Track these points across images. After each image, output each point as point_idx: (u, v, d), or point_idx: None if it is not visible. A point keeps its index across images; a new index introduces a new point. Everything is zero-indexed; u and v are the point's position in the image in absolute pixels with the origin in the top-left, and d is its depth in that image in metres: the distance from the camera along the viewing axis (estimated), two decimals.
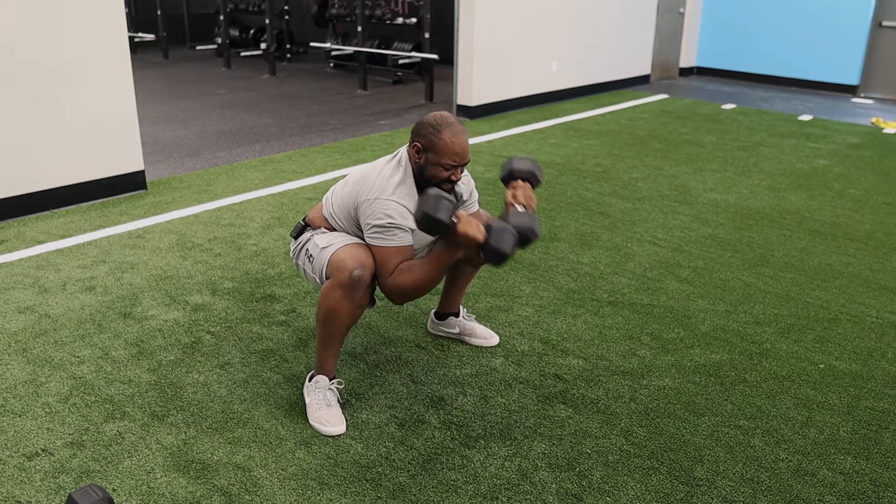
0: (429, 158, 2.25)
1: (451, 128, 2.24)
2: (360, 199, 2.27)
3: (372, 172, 2.31)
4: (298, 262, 2.45)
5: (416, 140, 2.27)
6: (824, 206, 4.55)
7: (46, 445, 2.19)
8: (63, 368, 2.59)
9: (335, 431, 2.27)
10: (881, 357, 2.80)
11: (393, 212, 2.20)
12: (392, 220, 2.19)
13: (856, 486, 2.11)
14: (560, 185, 4.83)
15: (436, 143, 2.22)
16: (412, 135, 2.29)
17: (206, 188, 4.64)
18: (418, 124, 2.29)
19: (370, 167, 2.35)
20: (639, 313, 3.10)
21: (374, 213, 2.21)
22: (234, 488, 2.03)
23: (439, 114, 2.28)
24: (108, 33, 4.18)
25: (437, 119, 2.25)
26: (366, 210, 2.24)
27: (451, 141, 2.22)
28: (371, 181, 2.27)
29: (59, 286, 3.22)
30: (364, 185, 2.28)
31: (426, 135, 2.24)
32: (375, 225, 2.21)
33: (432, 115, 2.28)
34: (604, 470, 2.15)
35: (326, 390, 2.34)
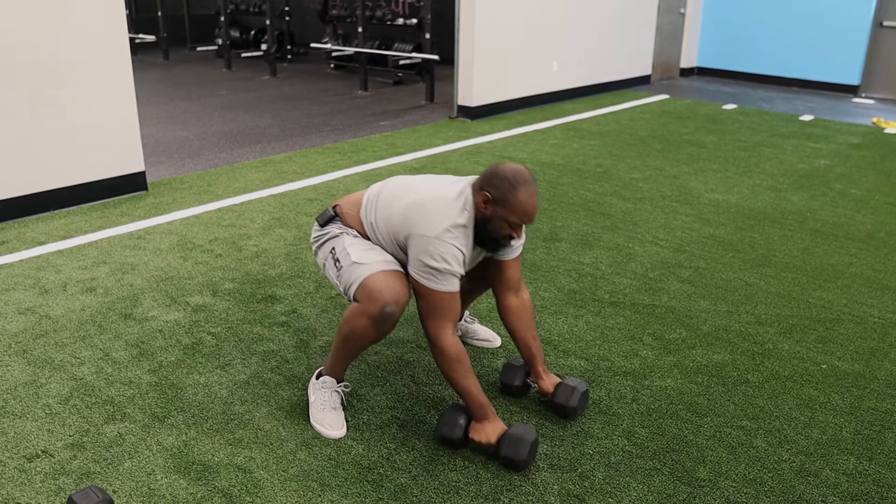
0: (497, 212, 2.10)
1: (528, 187, 2.09)
2: (414, 231, 2.10)
3: (432, 203, 2.12)
4: (320, 256, 2.33)
5: (486, 189, 2.10)
6: (826, 207, 4.54)
7: (47, 447, 2.19)
8: (63, 370, 2.59)
9: (335, 435, 2.26)
10: (884, 357, 2.79)
11: (451, 257, 2.06)
12: (448, 265, 2.06)
13: (859, 486, 2.10)
14: (561, 186, 4.82)
15: (510, 199, 2.07)
16: (482, 181, 2.12)
17: (207, 189, 4.63)
18: (492, 174, 2.11)
19: (430, 193, 2.16)
20: (640, 314, 3.09)
21: (431, 253, 2.05)
22: (234, 490, 2.03)
23: (516, 168, 2.11)
24: (109, 34, 4.18)
25: (514, 174, 2.09)
26: (421, 245, 2.08)
27: (526, 201, 2.08)
28: (431, 214, 2.09)
29: (59, 287, 3.21)
30: (422, 215, 2.10)
31: (500, 188, 2.08)
32: (430, 266, 2.06)
33: (509, 168, 2.11)
34: (606, 471, 2.14)
35: (333, 392, 2.32)
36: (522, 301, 2.40)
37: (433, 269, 2.06)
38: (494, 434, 2.12)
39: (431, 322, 2.12)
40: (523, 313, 2.39)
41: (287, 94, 8.25)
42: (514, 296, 2.39)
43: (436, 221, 2.08)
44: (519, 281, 2.40)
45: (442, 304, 2.10)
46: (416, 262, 2.10)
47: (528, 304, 2.41)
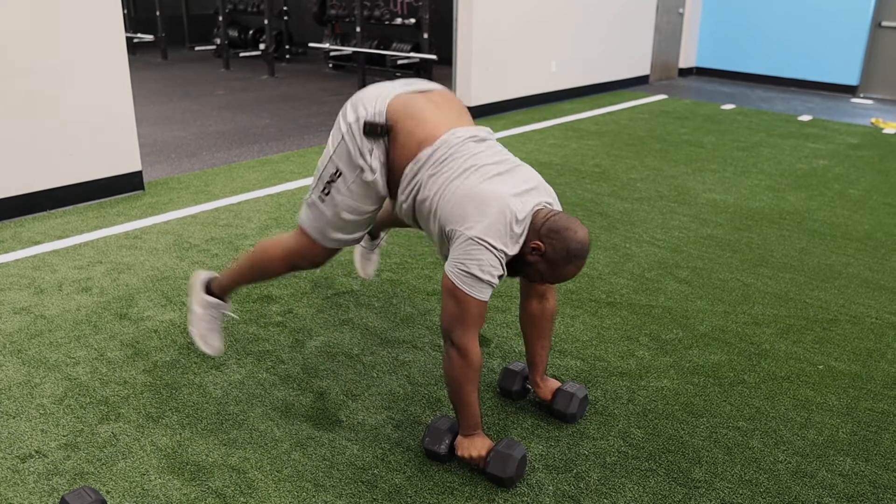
0: (539, 264, 2.01)
1: (580, 262, 2.00)
2: (465, 231, 1.96)
3: (497, 213, 1.96)
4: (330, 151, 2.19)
5: (544, 241, 1.97)
6: (824, 207, 4.53)
7: (40, 447, 2.18)
8: (58, 369, 2.58)
9: (215, 353, 2.59)
10: (880, 358, 2.79)
11: (495, 271, 1.96)
12: (491, 278, 1.96)
13: (855, 487, 2.09)
14: (559, 186, 4.81)
15: (558, 266, 1.99)
16: (546, 229, 1.98)
17: (204, 189, 4.62)
18: (557, 231, 1.97)
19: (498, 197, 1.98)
20: (637, 314, 3.08)
21: (481, 263, 1.94)
22: (228, 490, 2.02)
23: (582, 241, 1.98)
24: (106, 33, 4.17)
25: (576, 249, 1.97)
26: (469, 250, 1.95)
27: (570, 274, 2.02)
28: (492, 224, 1.95)
29: (55, 287, 3.21)
30: (481, 219, 1.95)
31: (557, 250, 1.97)
32: (473, 274, 1.94)
33: (576, 239, 1.96)
34: (601, 471, 2.13)
35: (222, 314, 2.56)
36: (545, 309, 2.33)
37: (476, 277, 1.95)
38: (484, 448, 2.07)
39: (461, 327, 2.01)
40: (542, 322, 2.34)
41: (285, 94, 8.24)
42: (538, 302, 2.32)
43: (493, 234, 1.95)
44: (547, 288, 2.31)
45: (475, 312, 2.00)
46: (458, 263, 1.96)
47: (549, 312, 2.34)
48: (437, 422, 2.16)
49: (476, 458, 2.07)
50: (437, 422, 2.16)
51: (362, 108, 2.13)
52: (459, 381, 2.04)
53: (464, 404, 2.08)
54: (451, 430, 2.13)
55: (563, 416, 2.32)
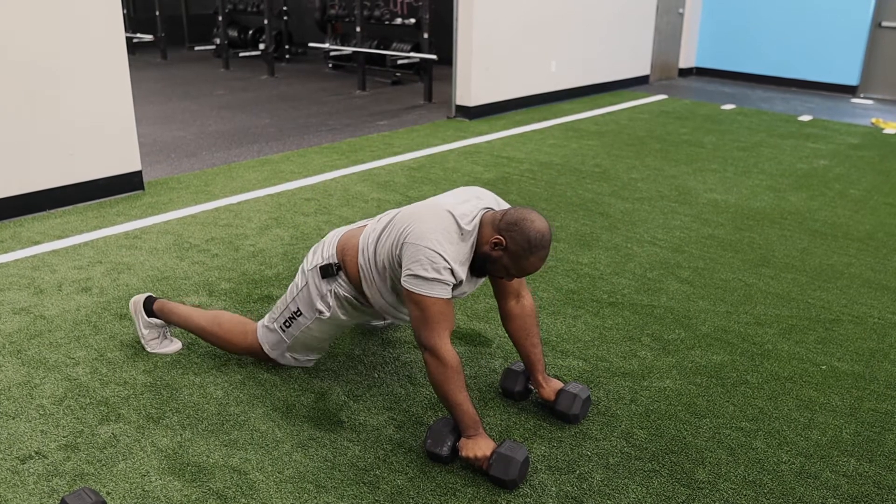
0: (501, 259, 2.05)
1: (542, 252, 2.03)
2: (407, 240, 2.05)
3: (431, 214, 2.06)
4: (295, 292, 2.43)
5: (503, 234, 2.03)
6: (825, 207, 4.53)
7: (40, 448, 2.17)
8: (58, 370, 2.57)
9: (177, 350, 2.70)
10: (883, 358, 2.78)
11: (442, 267, 2.00)
12: (439, 275, 2.00)
13: (859, 488, 2.08)
14: (559, 186, 4.81)
15: (520, 258, 2.03)
16: (504, 223, 2.03)
17: (204, 189, 4.61)
18: (516, 224, 2.02)
19: (430, 204, 2.12)
20: (639, 314, 3.07)
21: (421, 262, 2.00)
22: (229, 491, 2.01)
23: (541, 229, 2.02)
24: (106, 33, 4.16)
25: (537, 239, 2.01)
26: (412, 254, 2.02)
27: (534, 265, 2.05)
28: (428, 222, 2.04)
29: (54, 287, 3.19)
30: (418, 223, 2.05)
31: (518, 243, 2.01)
32: (420, 276, 2.00)
33: (535, 229, 2.01)
34: (604, 472, 2.12)
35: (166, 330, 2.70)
36: (523, 307, 2.34)
37: (421, 277, 2.00)
38: (487, 449, 2.05)
39: (427, 331, 2.04)
40: (524, 320, 2.34)
41: (285, 94, 8.23)
42: (515, 301, 2.34)
43: (430, 236, 2.02)
44: (520, 286, 2.34)
45: (435, 311, 2.03)
46: (405, 270, 2.04)
47: (529, 309, 2.35)
48: (438, 423, 2.14)
49: (480, 459, 2.06)
50: (438, 423, 2.14)
51: (317, 257, 2.39)
52: (440, 384, 2.07)
53: (453, 405, 2.08)
54: (453, 432, 2.12)
55: (566, 417, 2.31)
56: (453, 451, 2.11)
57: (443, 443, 2.11)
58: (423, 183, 4.80)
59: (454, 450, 2.11)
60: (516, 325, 2.35)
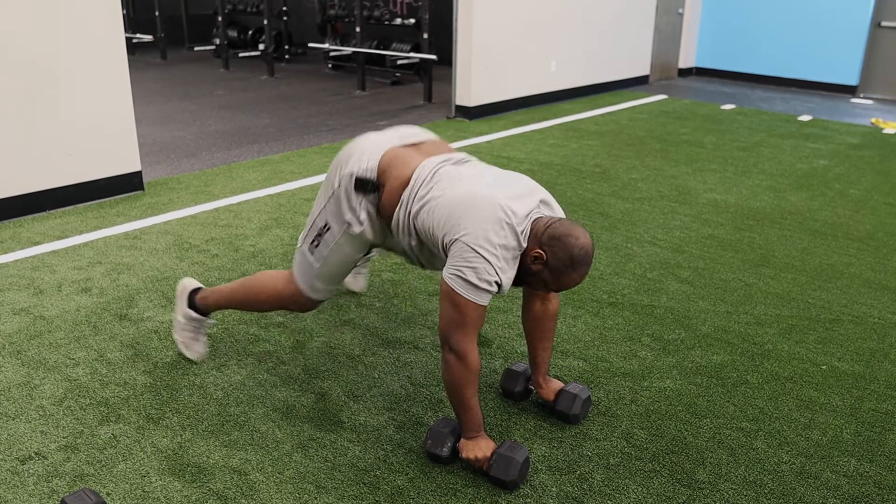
0: (541, 273, 2.00)
1: (584, 269, 1.99)
2: (459, 237, 1.96)
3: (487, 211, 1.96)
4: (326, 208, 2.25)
5: (545, 249, 1.97)
6: (825, 207, 4.52)
7: (40, 449, 2.17)
8: (58, 371, 2.57)
9: (196, 358, 2.63)
10: (884, 358, 2.78)
11: (493, 278, 1.95)
12: (489, 286, 1.95)
13: (860, 488, 2.08)
14: (559, 186, 4.80)
15: (561, 274, 1.98)
16: (546, 237, 1.97)
17: (204, 189, 4.61)
18: (559, 239, 1.96)
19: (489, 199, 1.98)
20: (639, 314, 3.07)
21: (477, 270, 1.93)
22: (230, 492, 2.01)
23: (585, 247, 1.96)
24: (105, 33, 4.15)
25: (579, 256, 1.95)
26: (465, 256, 1.94)
27: (575, 281, 2.00)
28: (485, 221, 1.95)
29: (54, 287, 3.19)
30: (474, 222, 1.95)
31: (559, 259, 1.96)
32: (470, 281, 1.93)
33: (578, 246, 1.95)
34: (604, 473, 2.12)
35: (205, 327, 2.64)
36: (547, 310, 2.31)
37: (471, 284, 1.94)
38: (488, 450, 2.06)
39: (459, 332, 1.99)
40: (544, 322, 2.32)
41: (285, 94, 8.23)
42: (541, 303, 2.31)
43: (488, 239, 1.94)
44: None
45: (473, 316, 1.98)
46: (455, 269, 1.95)
47: (552, 313, 2.32)
48: (438, 424, 2.14)
49: (480, 460, 2.06)
50: (438, 424, 2.14)
51: (355, 163, 2.19)
52: (459, 386, 2.03)
53: (465, 408, 2.07)
54: (453, 433, 2.12)
55: (566, 418, 2.31)
56: (453, 451, 2.11)
57: (443, 444, 2.11)
58: None
59: (454, 451, 2.11)
60: (535, 325, 2.33)
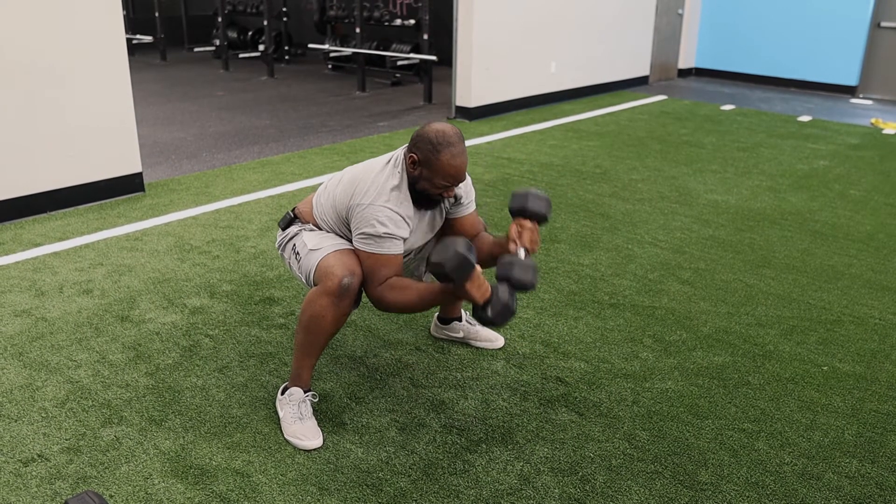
0: (423, 174, 2.17)
1: (451, 149, 2.13)
2: (352, 203, 2.19)
3: (366, 174, 2.23)
4: (284, 254, 2.43)
5: (413, 151, 2.17)
6: (825, 207, 4.53)
7: (42, 451, 2.17)
8: (60, 372, 2.57)
9: (312, 445, 2.19)
10: (885, 359, 2.78)
11: (386, 219, 2.13)
12: (386, 227, 2.13)
13: (862, 489, 2.08)
14: (560, 187, 4.81)
15: (433, 161, 2.14)
16: (410, 143, 2.19)
17: (205, 190, 4.61)
18: (418, 135, 2.17)
19: (363, 168, 2.28)
20: (640, 315, 3.07)
21: (367, 220, 2.14)
22: (232, 494, 2.01)
23: (441, 129, 2.15)
24: (106, 34, 4.16)
25: (437, 136, 2.13)
26: (358, 215, 2.17)
27: (449, 163, 2.13)
28: (365, 184, 2.19)
29: (56, 289, 3.19)
30: (358, 187, 2.20)
31: (424, 150, 2.14)
32: (366, 233, 2.14)
33: (433, 130, 2.15)
34: (607, 474, 2.12)
35: (300, 403, 2.26)
36: (483, 237, 2.48)
37: (372, 235, 2.13)
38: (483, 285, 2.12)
39: (377, 288, 2.17)
40: (485, 240, 2.46)
41: (285, 95, 8.23)
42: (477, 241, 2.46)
43: (369, 190, 2.17)
44: (476, 226, 2.49)
45: (384, 264, 2.15)
46: (356, 232, 2.18)
47: (489, 237, 2.48)
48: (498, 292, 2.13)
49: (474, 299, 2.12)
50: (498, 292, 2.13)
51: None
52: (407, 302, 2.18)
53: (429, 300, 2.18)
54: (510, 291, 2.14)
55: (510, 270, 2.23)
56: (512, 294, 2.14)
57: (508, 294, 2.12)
58: None
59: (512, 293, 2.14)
60: (484, 246, 2.44)
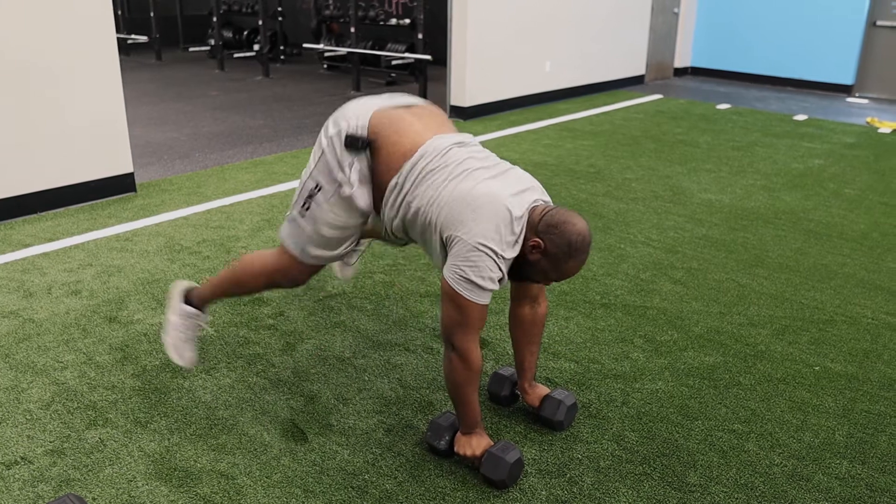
0: (540, 263, 1.97)
1: (582, 256, 1.96)
2: (461, 235, 1.92)
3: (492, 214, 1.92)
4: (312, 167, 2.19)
5: (543, 238, 1.94)
6: (819, 206, 4.51)
7: (26, 453, 2.15)
8: (46, 374, 2.55)
9: (185, 364, 2.47)
10: (877, 359, 2.76)
11: (494, 275, 1.93)
12: (492, 283, 1.93)
13: (851, 491, 2.07)
14: (553, 186, 4.79)
15: (560, 262, 1.95)
16: (545, 225, 1.94)
17: (197, 190, 4.59)
18: (558, 227, 1.93)
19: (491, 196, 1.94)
20: (632, 315, 3.06)
21: (479, 268, 1.90)
22: (216, 497, 1.99)
23: (583, 233, 1.94)
24: (96, 33, 4.13)
25: (578, 241, 1.93)
26: (466, 254, 1.91)
27: (572, 270, 1.98)
28: (487, 226, 1.91)
29: (44, 290, 3.17)
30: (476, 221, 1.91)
31: (558, 246, 1.93)
32: (472, 281, 1.91)
33: (576, 232, 1.92)
34: (595, 476, 2.11)
35: (197, 325, 2.46)
36: (536, 314, 2.29)
37: (474, 283, 1.92)
38: (480, 448, 2.05)
39: (462, 332, 1.97)
40: (532, 327, 2.30)
41: (279, 95, 8.21)
42: (530, 306, 2.28)
43: (491, 237, 1.91)
44: (540, 291, 2.28)
45: (476, 317, 1.97)
46: (457, 269, 1.92)
47: (540, 318, 2.30)
48: (439, 417, 2.17)
49: (470, 458, 2.07)
50: (439, 417, 2.17)
51: (344, 121, 2.14)
52: (460, 384, 2.03)
53: (464, 404, 2.07)
54: (451, 427, 2.14)
55: (551, 424, 2.29)
56: (451, 445, 2.13)
57: (441, 437, 2.14)
58: None
59: (451, 444, 2.13)
60: (523, 330, 2.31)
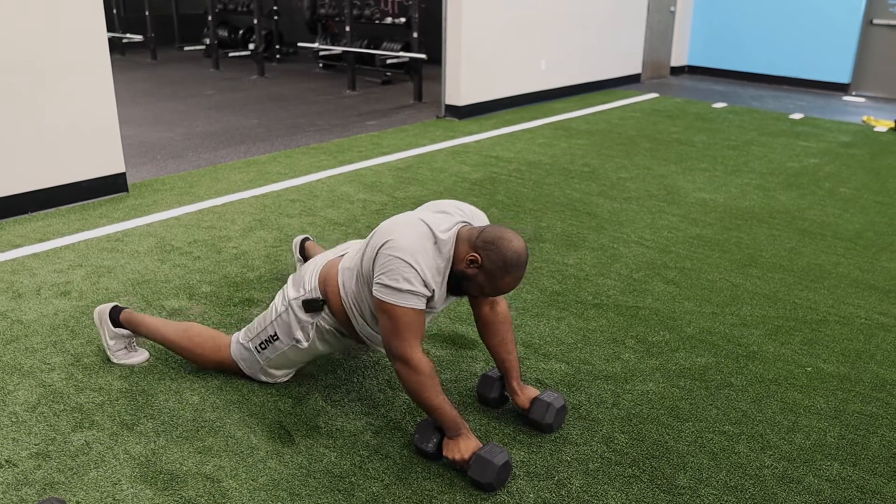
0: (477, 277, 2.03)
1: (518, 273, 2.01)
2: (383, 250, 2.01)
3: (410, 230, 2.02)
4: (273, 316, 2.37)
5: (479, 252, 2.00)
6: (814, 206, 4.50)
7: (10, 456, 2.13)
8: (33, 376, 2.53)
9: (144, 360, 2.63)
10: (869, 359, 2.75)
11: (415, 279, 1.98)
12: (412, 286, 1.98)
13: (842, 493, 2.05)
14: (547, 186, 4.77)
15: (496, 277, 2.01)
16: (480, 240, 2.01)
17: (189, 190, 4.57)
18: (494, 243, 1.99)
19: (406, 222, 2.07)
20: (624, 316, 3.04)
21: (392, 273, 1.98)
22: (201, 500, 1.97)
23: (519, 251, 1.99)
24: (87, 32, 4.11)
25: (513, 257, 1.98)
26: (381, 262, 2.00)
27: (509, 285, 2.04)
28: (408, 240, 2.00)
29: (33, 291, 3.15)
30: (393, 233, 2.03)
31: (493, 262, 1.99)
32: (391, 287, 1.98)
33: (512, 250, 1.98)
34: (583, 478, 2.09)
35: (131, 342, 2.62)
36: (497, 314, 2.31)
37: (392, 287, 1.98)
38: (468, 451, 2.04)
39: (398, 340, 2.03)
40: (498, 327, 2.31)
41: (274, 94, 8.18)
42: (489, 308, 2.31)
43: (405, 247, 1.98)
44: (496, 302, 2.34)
45: (406, 321, 2.01)
46: (376, 279, 2.02)
47: (503, 316, 2.32)
48: (427, 420, 2.15)
49: (458, 462, 2.04)
50: (427, 420, 2.15)
51: (302, 288, 2.33)
52: (417, 390, 2.07)
53: (432, 409, 2.08)
54: (439, 430, 2.12)
55: (539, 427, 2.27)
56: (439, 448, 2.11)
57: (428, 439, 2.12)
58: (410, 183, 4.77)
59: (440, 447, 2.11)
60: (490, 332, 2.33)
